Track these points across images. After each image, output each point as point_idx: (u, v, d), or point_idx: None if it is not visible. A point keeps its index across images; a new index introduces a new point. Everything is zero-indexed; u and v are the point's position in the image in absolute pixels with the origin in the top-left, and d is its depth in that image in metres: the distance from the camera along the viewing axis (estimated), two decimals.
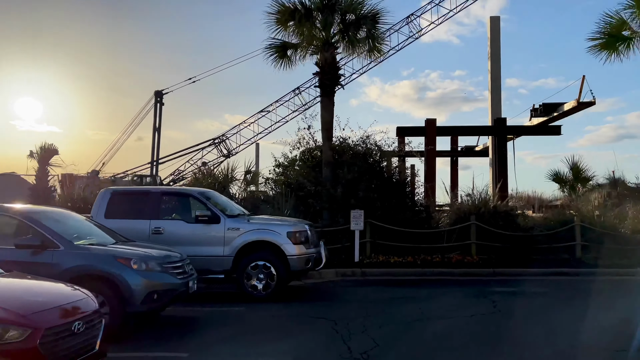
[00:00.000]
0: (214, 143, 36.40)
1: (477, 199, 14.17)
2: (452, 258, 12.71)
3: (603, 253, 13.05)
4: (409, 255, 12.90)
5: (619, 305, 8.38)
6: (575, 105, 20.05)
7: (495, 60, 26.86)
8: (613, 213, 14.19)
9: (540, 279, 11.44)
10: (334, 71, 13.81)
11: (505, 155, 22.07)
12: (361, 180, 13.23)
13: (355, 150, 14.14)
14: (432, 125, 22.23)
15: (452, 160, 37.48)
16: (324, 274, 11.77)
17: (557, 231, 13.27)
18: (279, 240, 8.90)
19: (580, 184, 23.10)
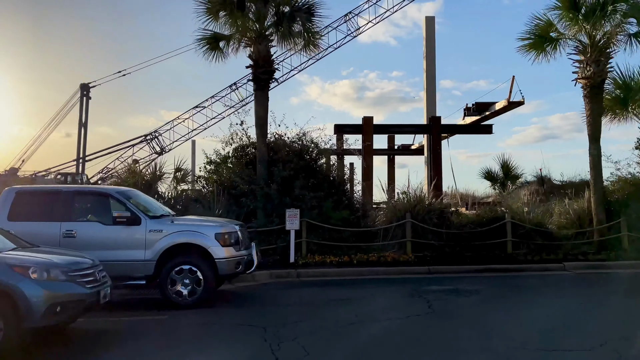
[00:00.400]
0: (146, 140, 34.81)
1: (412, 197, 14.16)
2: (388, 257, 12.59)
3: (532, 249, 13.43)
4: (346, 254, 12.66)
5: (549, 301, 8.49)
6: (506, 105, 20.70)
7: (431, 60, 27.37)
8: (541, 209, 14.65)
9: (473, 276, 11.53)
10: (269, 65, 13.31)
11: (439, 154, 22.46)
12: (297, 178, 12.83)
13: (291, 147, 13.72)
14: (369, 123, 22.22)
15: (389, 159, 38.05)
16: (257, 276, 11.26)
17: (489, 228, 13.49)
18: (206, 243, 8.33)
19: (510, 181, 23.96)
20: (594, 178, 13.74)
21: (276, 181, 12.64)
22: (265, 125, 13.46)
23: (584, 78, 13.84)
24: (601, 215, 13.55)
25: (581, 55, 14.02)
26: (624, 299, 8.54)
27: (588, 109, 13.91)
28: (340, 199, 13.68)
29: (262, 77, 13.28)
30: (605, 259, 12.59)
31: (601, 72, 13.64)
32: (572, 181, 21.23)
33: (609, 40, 13.59)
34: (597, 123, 13.79)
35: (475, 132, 24.55)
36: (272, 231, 12.68)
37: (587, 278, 11.01)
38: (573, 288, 9.80)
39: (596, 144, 13.81)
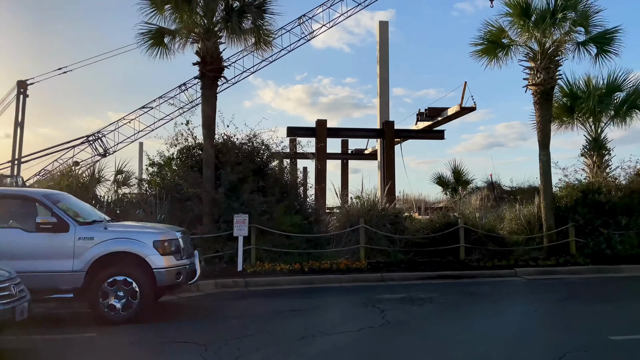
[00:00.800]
0: (88, 141, 33.09)
1: (366, 202, 13.88)
2: (341, 264, 12.21)
3: (484, 254, 13.41)
4: (297, 262, 12.20)
5: (503, 310, 8.32)
6: (458, 110, 20.89)
7: (384, 64, 27.38)
8: (492, 215, 14.71)
9: (427, 283, 11.31)
10: (217, 62, 12.68)
11: (392, 158, 22.40)
12: (246, 182, 12.24)
13: (241, 149, 13.11)
14: (322, 126, 21.89)
15: (342, 163, 37.93)
16: (202, 286, 10.60)
17: (443, 233, 13.37)
18: (143, 251, 7.64)
19: (461, 186, 24.25)
20: (543, 184, 13.90)
21: (224, 185, 12.00)
22: (213, 125, 12.81)
23: (535, 85, 14.01)
24: (550, 221, 13.71)
25: (532, 62, 14.20)
26: (575, 307, 8.49)
27: (538, 115, 14.08)
28: (292, 204, 13.20)
29: (210, 74, 12.63)
30: (554, 264, 12.70)
31: (550, 79, 13.84)
32: (521, 187, 21.63)
33: (558, 47, 13.83)
34: (546, 129, 13.98)
35: (428, 137, 24.72)
36: (219, 238, 12.05)
37: (538, 284, 11.00)
38: (526, 295, 9.72)
39: (546, 150, 13.98)
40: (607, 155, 17.06)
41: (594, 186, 13.69)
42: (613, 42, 13.59)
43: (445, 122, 23.46)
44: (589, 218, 13.30)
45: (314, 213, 13.88)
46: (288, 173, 14.34)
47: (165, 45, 13.29)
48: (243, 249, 11.97)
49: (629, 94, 16.87)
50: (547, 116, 13.96)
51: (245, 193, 11.95)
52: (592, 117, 17.31)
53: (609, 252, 13.18)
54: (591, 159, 17.14)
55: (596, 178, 14.39)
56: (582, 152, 17.47)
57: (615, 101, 17.23)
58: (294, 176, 14.50)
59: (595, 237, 13.26)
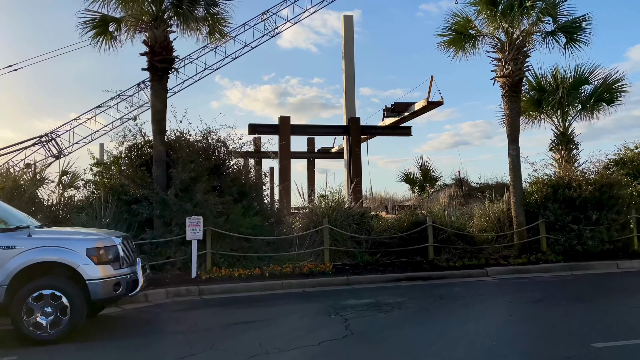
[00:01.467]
0: (41, 142, 31.46)
1: (330, 201, 13.24)
2: (304, 267, 11.53)
3: (454, 253, 12.98)
4: (257, 266, 11.46)
5: (476, 314, 7.80)
6: (425, 105, 20.51)
7: (349, 59, 26.87)
8: (461, 213, 14.30)
9: (395, 285, 10.77)
10: (167, 52, 11.80)
11: (359, 156, 21.87)
12: (200, 181, 11.41)
13: (195, 146, 12.25)
14: (286, 123, 21.16)
15: (309, 162, 37.29)
16: (151, 296, 9.77)
17: (410, 233, 12.86)
18: (74, 260, 6.78)
19: (429, 184, 23.96)
20: (513, 180, 13.56)
21: (175, 185, 11.14)
22: (164, 121, 11.93)
23: (503, 77, 13.66)
24: (521, 218, 13.38)
25: (499, 53, 13.85)
26: (552, 310, 8.05)
27: (507, 108, 13.74)
28: (252, 205, 12.44)
29: (160, 65, 11.74)
30: (526, 262, 12.37)
31: (519, 71, 13.51)
32: (489, 183, 21.45)
33: (526, 38, 13.52)
34: (515, 123, 13.65)
35: (395, 134, 24.31)
36: (170, 242, 11.19)
37: (511, 284, 10.59)
38: (498, 297, 9.26)
39: (515, 144, 13.65)
40: (575, 150, 16.95)
41: (564, 181, 13.43)
42: (582, 30, 13.36)
43: (412, 118, 23.09)
44: (559, 214, 13.02)
45: (275, 214, 13.15)
46: (249, 172, 13.53)
47: (111, 35, 12.33)
48: (197, 254, 11.16)
49: (596, 86, 16.78)
50: (515, 109, 13.63)
51: (199, 193, 11.12)
52: (560, 111, 17.18)
53: (580, 248, 12.94)
54: (559, 154, 16.99)
55: (566, 172, 14.14)
56: (550, 147, 17.31)
57: (582, 94, 17.13)
58: (253, 175, 13.71)
59: (566, 234, 13.00)
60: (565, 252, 12.92)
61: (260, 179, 13.54)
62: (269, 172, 17.79)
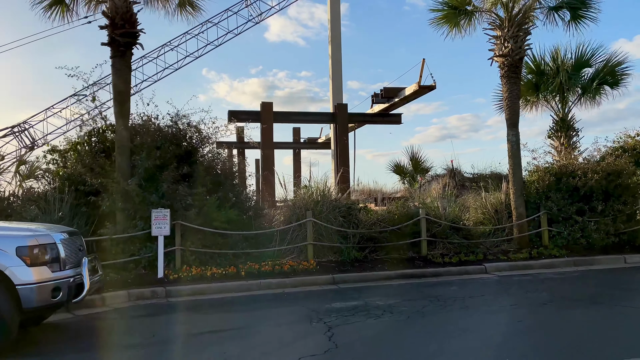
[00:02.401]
0: (13, 132, 30.04)
1: (314, 192, 12.22)
2: (285, 265, 10.53)
3: (449, 248, 12.07)
4: (232, 264, 10.43)
5: (479, 320, 6.85)
6: (416, 89, 19.52)
7: (336, 43, 25.76)
8: (456, 204, 13.35)
9: (385, 285, 9.82)
10: (130, 25, 10.64)
11: (346, 145, 20.85)
12: (167, 170, 10.31)
13: (163, 131, 11.14)
14: (268, 110, 20.06)
15: (294, 153, 36.20)
16: (110, 299, 8.72)
17: (402, 226, 11.90)
18: (0, 262, 5.68)
19: (420, 174, 23.05)
20: (512, 167, 12.66)
21: (138, 173, 10.04)
22: (127, 102, 10.80)
23: (501, 56, 12.71)
24: (521, 209, 12.49)
25: (498, 30, 12.89)
26: (564, 314, 7.14)
27: (505, 90, 12.80)
28: (227, 196, 11.37)
29: (122, 40, 10.58)
30: (527, 257, 11.50)
31: (519, 50, 12.56)
32: (482, 173, 20.56)
33: (527, 13, 12.55)
34: (515, 106, 12.71)
35: (384, 122, 23.29)
36: (134, 238, 10.10)
37: (513, 282, 9.69)
38: (501, 298, 8.33)
39: (514, 129, 12.73)
40: (576, 137, 16.15)
41: (568, 169, 12.54)
42: (589, 6, 12.43)
43: (402, 104, 22.09)
44: (563, 205, 12.15)
45: (254, 206, 12.10)
46: (225, 160, 12.44)
47: (67, 6, 11.13)
48: (165, 251, 10.10)
49: (598, 69, 15.96)
50: (515, 91, 12.69)
51: (166, 183, 10.03)
52: (560, 96, 16.34)
53: (584, 241, 12.11)
54: (559, 141, 16.19)
55: (569, 160, 13.25)
56: (549, 134, 16.50)
57: (583, 78, 16.29)
58: (230, 164, 12.62)
59: (569, 226, 12.13)
60: (568, 246, 12.09)
61: (238, 168, 12.46)
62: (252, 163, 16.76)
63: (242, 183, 13.02)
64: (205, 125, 12.18)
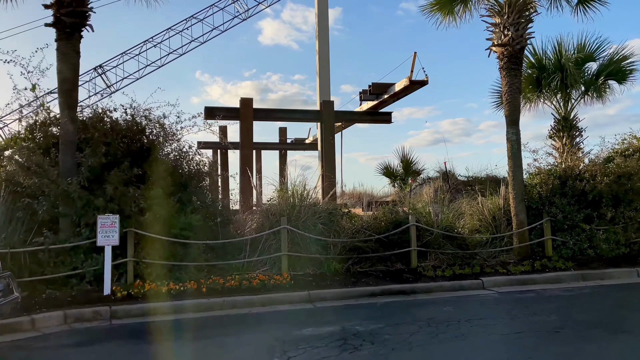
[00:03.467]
0: None
1: (292, 195, 11.00)
2: (255, 279, 9.29)
3: (442, 260, 10.90)
4: (194, 279, 9.19)
5: (478, 352, 5.65)
6: (407, 85, 18.37)
7: (323, 39, 24.59)
8: (449, 210, 12.17)
9: (368, 303, 8.62)
10: (78, 2, 9.36)
11: (332, 145, 19.66)
12: (118, 169, 9.04)
13: (117, 126, 9.87)
14: (248, 106, 18.82)
15: (280, 154, 34.98)
16: (41, 321, 7.50)
17: (389, 234, 10.71)
18: None
19: (411, 177, 21.89)
20: (512, 169, 11.52)
21: (82, 172, 8.76)
22: (74, 92, 9.52)
23: (500, 45, 11.59)
24: (522, 216, 11.35)
25: (497, 17, 11.79)
26: (582, 347, 5.96)
27: (505, 83, 11.67)
28: (190, 199, 10.12)
29: (68, 20, 9.31)
30: (529, 270, 10.36)
31: (520, 38, 11.45)
32: (478, 177, 19.49)
33: None
34: (515, 101, 11.58)
35: (373, 121, 22.11)
36: (78, 249, 8.81)
37: (515, 302, 8.54)
38: (503, 322, 7.15)
39: (514, 127, 11.60)
40: (579, 137, 15.06)
41: (574, 171, 11.41)
42: None
43: (393, 101, 20.94)
44: (568, 211, 11.03)
45: (223, 211, 10.84)
46: (192, 159, 11.15)
47: None
48: (116, 263, 8.86)
49: (603, 64, 14.89)
50: (515, 84, 11.56)
51: (113, 184, 8.75)
52: (562, 93, 15.25)
53: (592, 252, 11.00)
54: (561, 141, 15.09)
55: (574, 162, 12.14)
56: (550, 134, 15.41)
57: (586, 74, 15.22)
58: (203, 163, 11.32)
59: (575, 235, 11.01)
60: (574, 257, 10.98)
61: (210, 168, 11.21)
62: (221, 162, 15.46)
63: (213, 186, 11.79)
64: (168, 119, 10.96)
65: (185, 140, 11.26)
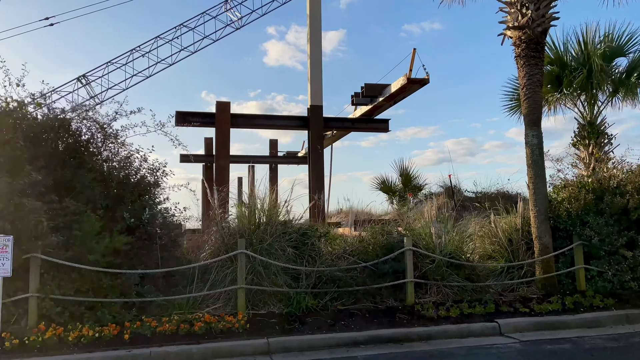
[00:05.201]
0: None
1: (256, 211, 8.93)
2: (199, 321, 7.17)
3: (446, 294, 8.77)
4: (117, 320, 7.11)
5: None
6: (404, 84, 16.34)
7: (315, 42, 22.74)
8: (455, 231, 10.05)
9: (348, 357, 6.48)
10: None
11: (320, 155, 17.61)
12: (17, 175, 7.00)
13: (28, 122, 7.86)
14: (224, 111, 16.85)
15: (270, 168, 33.00)
16: None
17: (378, 262, 8.60)
18: None
19: (411, 192, 19.81)
20: (533, 181, 9.46)
21: None
22: None
23: (517, 28, 9.63)
24: (545, 238, 9.26)
25: None
26: None
27: (523, 76, 9.68)
28: (122, 216, 8.05)
29: None
30: (558, 309, 8.24)
31: (542, 19, 9.50)
32: (487, 192, 17.40)
33: None
34: (536, 96, 9.56)
35: (368, 129, 20.02)
36: None
37: (548, 356, 6.38)
38: None
39: (535, 128, 9.57)
40: (609, 145, 13.01)
41: (611, 183, 9.32)
42: None
43: (389, 104, 18.92)
44: (605, 233, 8.90)
45: (168, 232, 8.72)
46: (130, 166, 9.07)
47: None
48: (16, 298, 6.77)
49: (635, 59, 12.91)
50: (536, 76, 9.56)
51: (10, 195, 6.67)
52: (586, 93, 13.26)
53: (636, 285, 8.83)
54: (586, 150, 13.03)
55: (612, 172, 10.02)
56: (574, 142, 13.37)
57: (615, 72, 13.25)
58: (142, 173, 9.23)
59: (615, 263, 8.87)
60: (613, 292, 8.84)
61: (146, 176, 9.12)
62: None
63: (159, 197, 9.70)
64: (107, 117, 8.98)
65: (139, 145, 9.35)
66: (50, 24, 31.80)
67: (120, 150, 9.21)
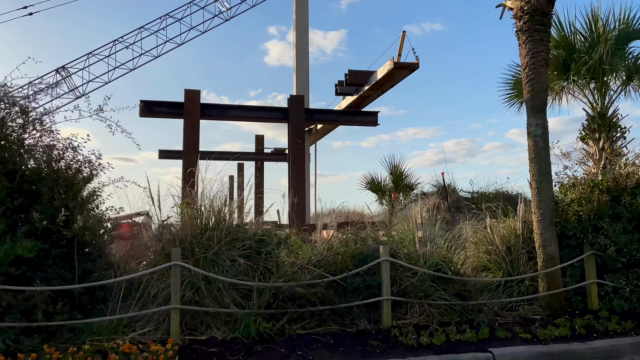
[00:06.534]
0: None
1: (201, 213, 7.52)
2: (117, 350, 5.75)
3: (431, 314, 7.37)
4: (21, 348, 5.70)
5: None
6: (391, 69, 14.85)
7: (302, 31, 21.35)
8: (443, 236, 8.64)
9: None
10: None
11: (301, 150, 16.18)
12: None
13: None
14: (194, 100, 15.42)
15: (256, 166, 31.62)
16: None
17: (348, 275, 7.19)
18: None
19: (402, 192, 18.43)
20: (536, 178, 8.07)
21: None
22: None
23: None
24: (551, 247, 7.87)
25: None
26: None
27: (525, 53, 8.30)
28: (32, 217, 6.63)
29: None
30: (566, 335, 6.83)
31: None
32: (485, 192, 16.04)
33: None
34: (541, 77, 8.17)
35: (355, 122, 18.45)
36: None
37: None
38: None
39: (540, 116, 8.19)
40: (622, 140, 11.65)
41: (629, 182, 7.92)
42: None
43: (377, 94, 17.41)
44: (624, 242, 7.52)
45: (95, 236, 7.28)
46: (59, 159, 7.65)
47: None
48: None
49: None
50: (542, 53, 8.17)
51: None
52: (597, 80, 11.88)
53: None
54: (596, 145, 11.65)
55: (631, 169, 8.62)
56: (582, 135, 12.01)
57: (629, 57, 11.88)
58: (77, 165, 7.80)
59: (635, 278, 7.49)
60: (633, 312, 7.50)
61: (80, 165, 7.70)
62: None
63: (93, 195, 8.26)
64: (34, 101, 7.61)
65: (72, 134, 7.91)
66: (29, 13, 30.50)
67: (44, 137, 7.84)
